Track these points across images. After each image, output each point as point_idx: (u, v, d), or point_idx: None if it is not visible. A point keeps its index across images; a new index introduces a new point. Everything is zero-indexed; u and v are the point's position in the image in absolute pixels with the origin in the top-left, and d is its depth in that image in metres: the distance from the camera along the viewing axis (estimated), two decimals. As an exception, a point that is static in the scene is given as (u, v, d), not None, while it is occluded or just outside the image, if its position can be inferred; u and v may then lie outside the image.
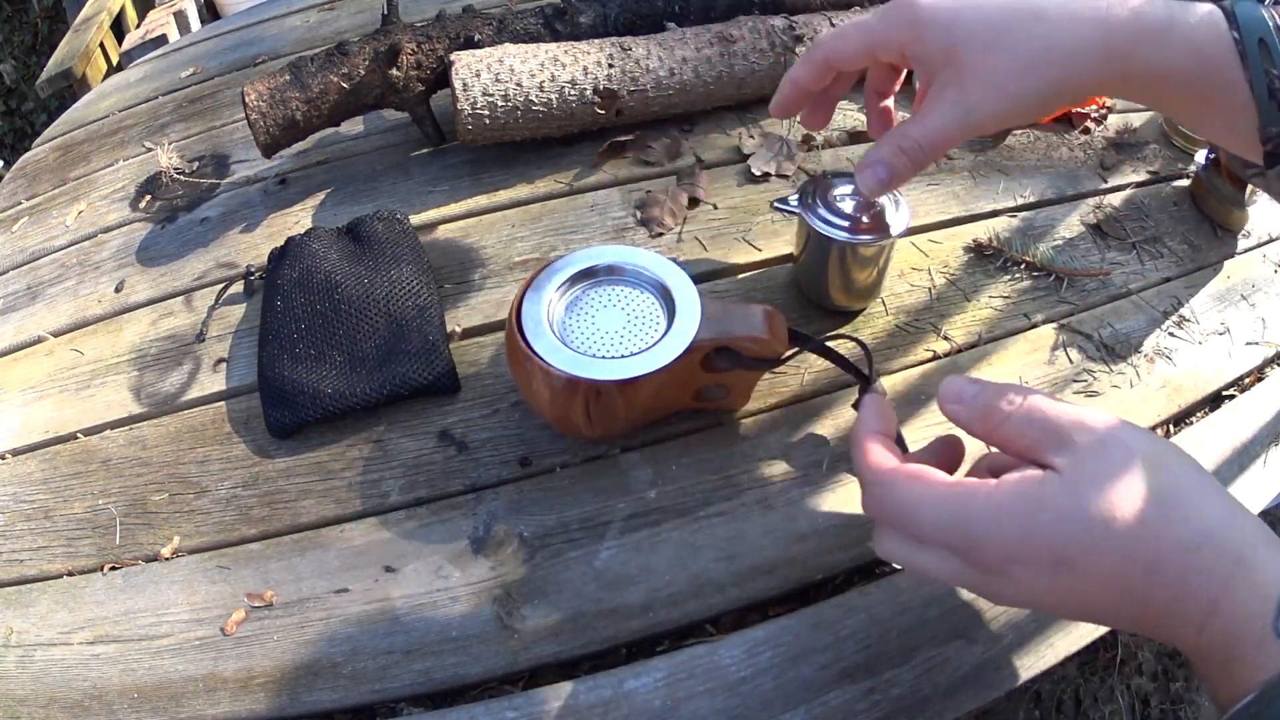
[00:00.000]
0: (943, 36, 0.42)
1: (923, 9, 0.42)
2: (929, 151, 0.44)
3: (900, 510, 0.37)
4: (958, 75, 0.42)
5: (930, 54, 0.43)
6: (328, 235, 0.66)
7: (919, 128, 0.44)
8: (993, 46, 0.41)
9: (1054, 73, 0.41)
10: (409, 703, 0.46)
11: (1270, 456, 0.58)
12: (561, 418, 0.51)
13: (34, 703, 0.47)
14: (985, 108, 0.42)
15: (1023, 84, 0.41)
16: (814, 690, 0.45)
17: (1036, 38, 0.40)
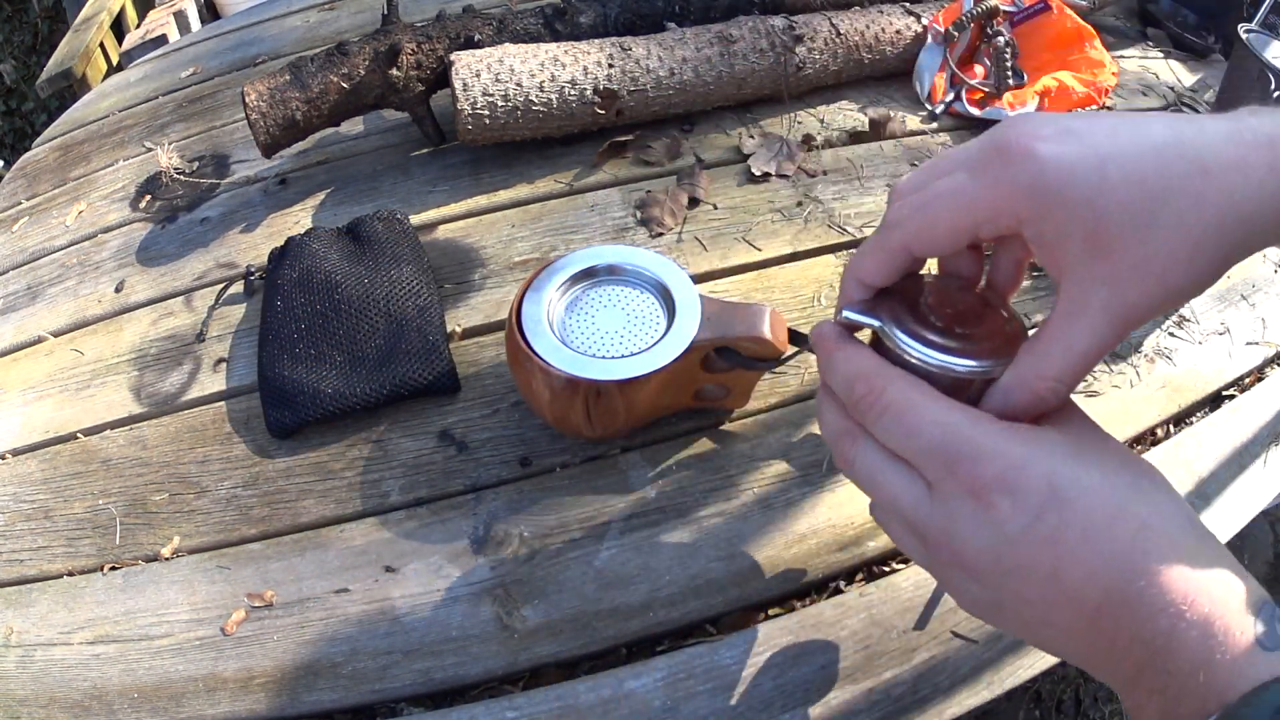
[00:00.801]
0: (1084, 212, 0.29)
1: (1049, 167, 0.30)
2: (1075, 383, 0.33)
3: (898, 403, 0.32)
4: (1108, 268, 0.30)
5: (1064, 237, 0.30)
6: (328, 235, 0.66)
7: (1061, 355, 0.31)
8: (1155, 222, 0.29)
9: (1226, 245, 0.30)
10: (409, 703, 0.46)
11: (1270, 456, 0.58)
12: (561, 418, 0.51)
13: (34, 703, 0.47)
14: (1148, 306, 0.31)
15: (1191, 269, 0.30)
16: (814, 690, 0.45)
17: (1207, 204, 0.29)
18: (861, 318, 0.36)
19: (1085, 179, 0.29)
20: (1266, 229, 0.30)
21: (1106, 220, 0.29)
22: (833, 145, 0.77)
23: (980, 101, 0.79)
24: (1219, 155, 0.30)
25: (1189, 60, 0.91)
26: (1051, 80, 0.78)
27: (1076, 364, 0.31)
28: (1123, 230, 0.29)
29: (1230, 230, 0.30)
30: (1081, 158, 0.30)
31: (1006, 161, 0.30)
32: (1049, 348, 0.32)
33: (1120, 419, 0.57)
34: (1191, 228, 0.30)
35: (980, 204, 0.31)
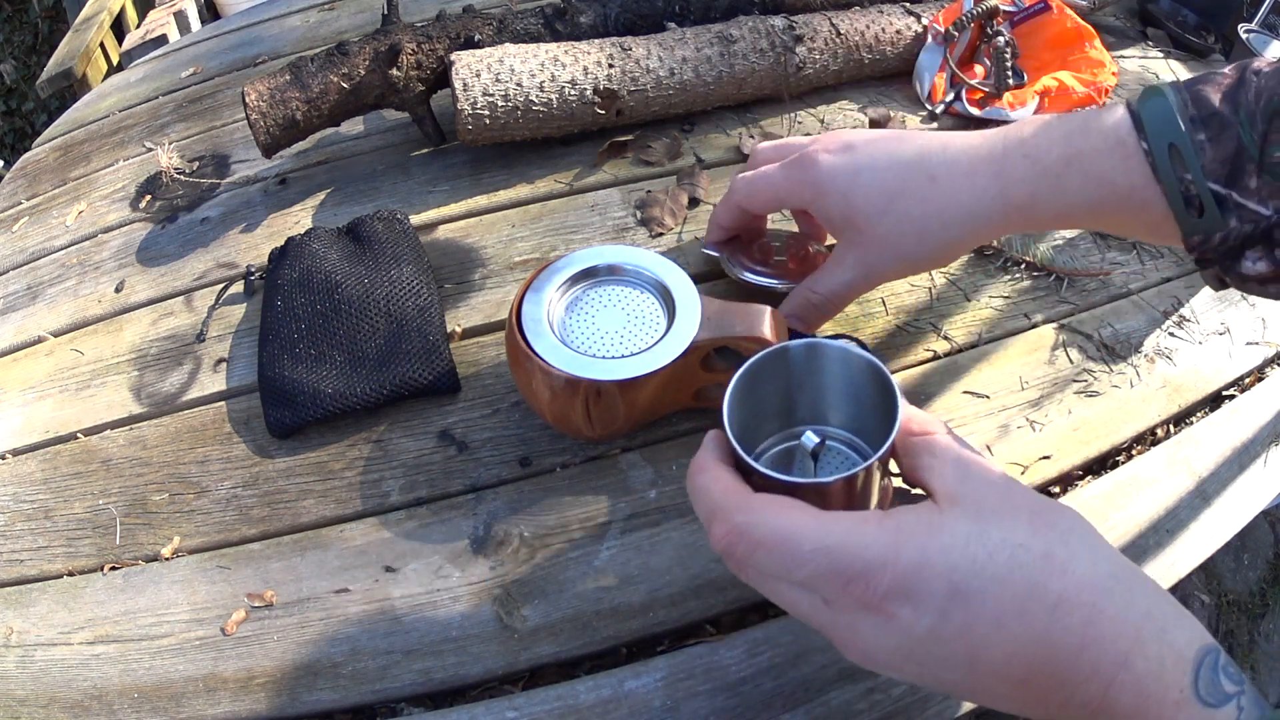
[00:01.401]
0: (840, 203, 0.45)
1: (822, 171, 0.45)
2: (833, 306, 0.50)
3: (769, 539, 0.31)
4: (857, 239, 0.45)
5: (831, 216, 0.46)
6: (328, 235, 0.66)
7: (824, 284, 0.49)
8: (887, 213, 0.43)
9: (950, 233, 0.42)
10: (409, 703, 0.46)
11: (1270, 456, 0.58)
12: (561, 418, 0.51)
13: (34, 703, 0.47)
14: (883, 269, 0.47)
15: (919, 247, 0.44)
16: (814, 690, 0.45)
17: (930, 201, 0.42)
18: (712, 251, 0.59)
19: (843, 179, 0.45)
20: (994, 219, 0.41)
21: (854, 208, 0.45)
22: (833, 145, 0.77)
23: (980, 101, 0.79)
24: (950, 168, 0.42)
25: (1189, 60, 0.91)
26: (1051, 80, 0.78)
27: (835, 290, 0.49)
28: (865, 216, 0.44)
29: (952, 223, 0.42)
30: (845, 165, 0.45)
31: (801, 165, 0.47)
32: (818, 277, 0.49)
33: (1120, 419, 0.57)
34: (916, 218, 0.43)
35: (783, 188, 0.49)
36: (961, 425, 0.56)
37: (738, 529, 0.32)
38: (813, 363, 0.40)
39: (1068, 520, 0.31)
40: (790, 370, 0.40)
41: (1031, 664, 0.29)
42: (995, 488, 0.32)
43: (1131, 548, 0.52)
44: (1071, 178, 0.39)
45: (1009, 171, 0.40)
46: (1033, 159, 0.40)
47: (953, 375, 0.59)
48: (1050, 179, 0.40)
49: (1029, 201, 0.40)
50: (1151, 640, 0.28)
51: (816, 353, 0.40)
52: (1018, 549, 0.29)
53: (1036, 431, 0.56)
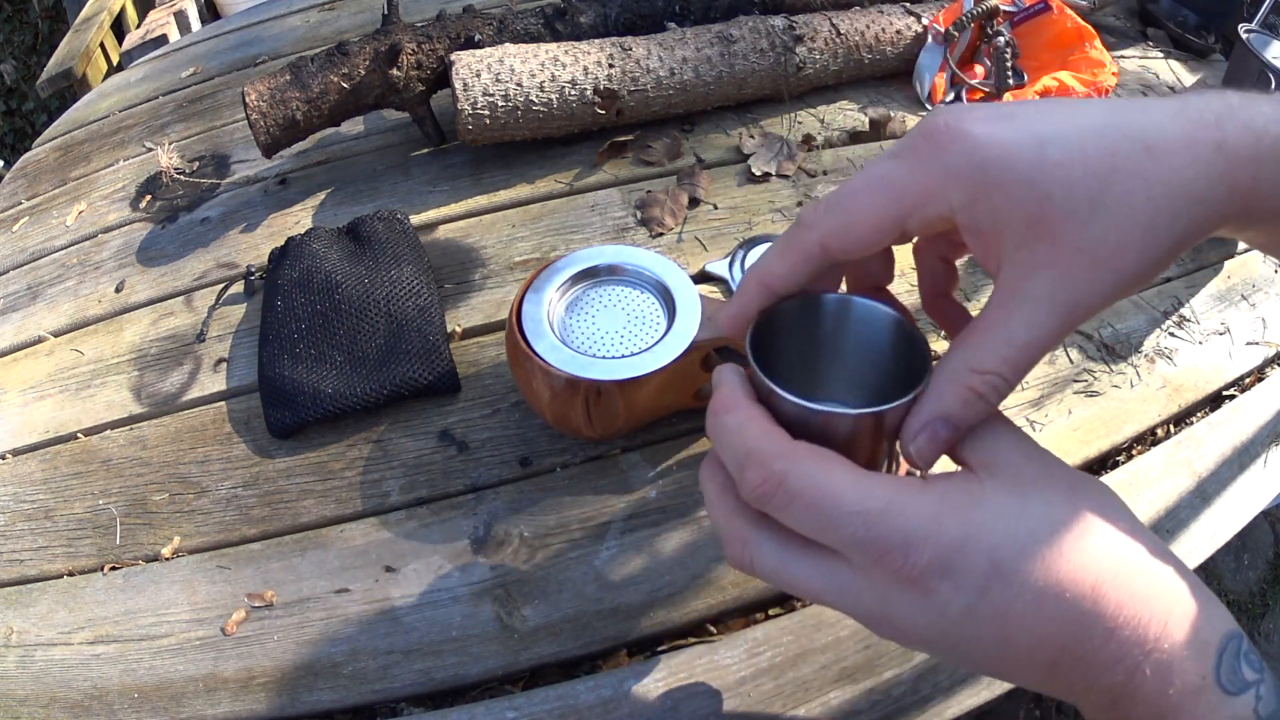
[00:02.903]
0: (1024, 192, 0.27)
1: (984, 146, 0.27)
2: (1014, 384, 0.29)
3: (808, 493, 0.28)
4: (1050, 253, 0.27)
5: (1004, 218, 0.27)
6: (328, 235, 0.66)
7: (998, 349, 0.28)
8: (1102, 203, 0.27)
9: (1179, 226, 0.27)
10: (409, 702, 0.46)
11: (1270, 456, 0.58)
12: (562, 418, 0.51)
13: (34, 703, 0.47)
14: (1097, 294, 0.28)
15: (1143, 254, 0.27)
16: (814, 690, 0.45)
17: (1155, 182, 0.27)
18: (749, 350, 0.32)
19: (1024, 158, 0.27)
20: (1217, 210, 0.28)
21: (1049, 201, 0.27)
22: (833, 145, 0.77)
23: (980, 102, 0.79)
24: (1164, 133, 0.27)
25: (1189, 60, 0.91)
26: (1051, 80, 0.78)
27: (1017, 357, 0.28)
28: (1067, 212, 0.27)
29: (1182, 210, 0.27)
30: (1018, 138, 0.27)
31: (936, 145, 0.28)
32: (986, 338, 0.28)
33: (1120, 419, 0.57)
34: (1141, 208, 0.27)
35: (909, 191, 0.28)
36: (961, 425, 0.56)
37: (776, 477, 0.28)
38: (842, 322, 0.35)
39: (1103, 495, 0.30)
40: (817, 329, 0.35)
41: (1064, 646, 0.27)
42: (1033, 459, 0.29)
43: (1131, 548, 0.52)
44: None
45: (1231, 143, 0.27)
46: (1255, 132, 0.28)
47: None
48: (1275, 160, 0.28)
49: (1252, 186, 0.28)
50: (1179, 625, 0.27)
51: (847, 311, 0.34)
52: (1059, 525, 0.27)
53: (1036, 431, 0.56)
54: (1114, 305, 0.64)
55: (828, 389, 0.36)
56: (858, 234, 0.29)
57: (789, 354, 0.35)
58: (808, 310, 0.34)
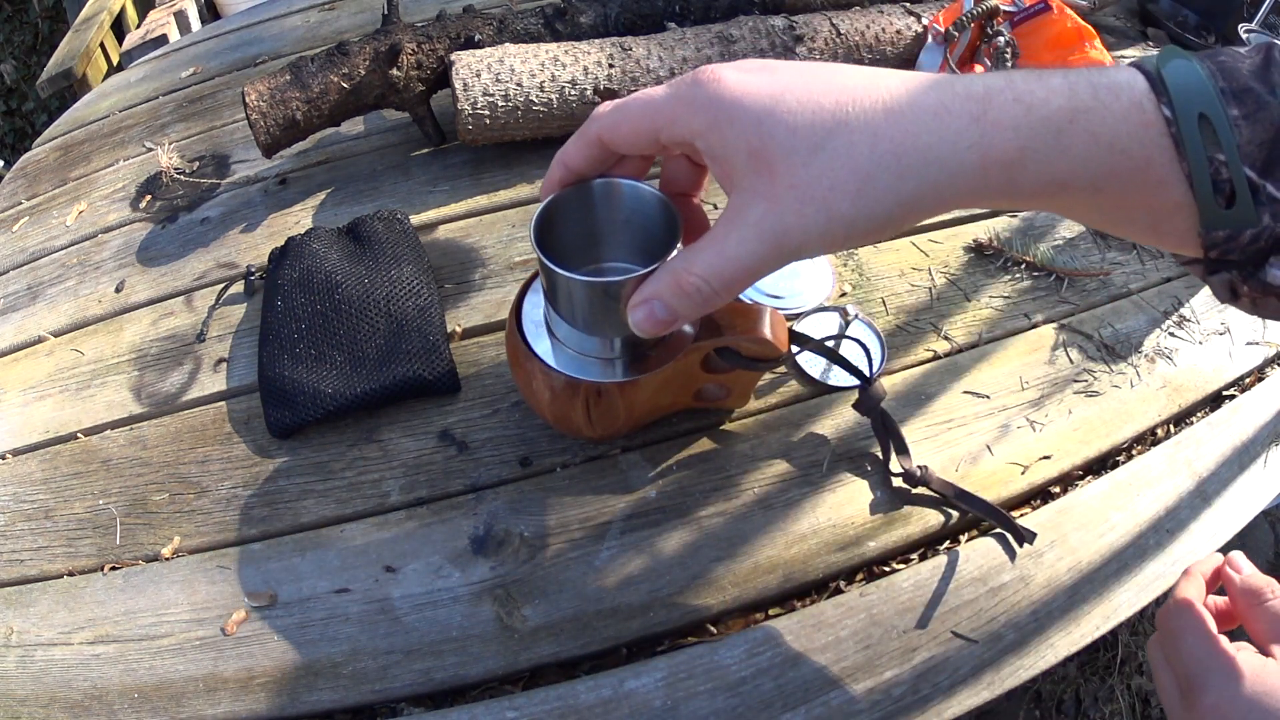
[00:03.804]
0: (751, 130, 0.30)
1: (727, 88, 0.31)
2: (721, 292, 0.33)
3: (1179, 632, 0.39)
4: (767, 186, 0.30)
5: (730, 151, 0.31)
6: (328, 235, 0.66)
7: (710, 258, 0.32)
8: (821, 149, 0.29)
9: (906, 186, 0.29)
10: (409, 703, 0.46)
11: (1270, 456, 0.58)
12: (562, 418, 0.51)
13: (34, 703, 0.47)
14: (807, 231, 0.30)
15: (859, 202, 0.30)
16: (814, 690, 0.45)
17: (883, 139, 0.29)
18: None
19: (758, 101, 0.30)
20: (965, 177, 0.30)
21: (771, 140, 0.30)
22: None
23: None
24: (913, 101, 0.29)
25: (1189, 60, 0.91)
26: (1052, 80, 0.78)
27: (725, 270, 0.32)
28: (786, 151, 0.30)
29: (910, 172, 0.29)
30: (762, 85, 0.31)
31: (695, 83, 0.32)
32: (706, 247, 0.33)
33: (1120, 419, 0.57)
34: (862, 160, 0.29)
35: (663, 112, 0.33)
36: (961, 425, 0.56)
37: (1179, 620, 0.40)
38: (610, 200, 0.43)
39: None
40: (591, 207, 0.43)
41: None
42: None
43: (1132, 547, 0.52)
44: (1075, 135, 0.29)
45: (993, 115, 0.29)
46: (1026, 105, 0.29)
47: (953, 375, 0.59)
48: (1048, 132, 0.29)
49: (1017, 158, 0.29)
50: None
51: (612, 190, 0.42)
52: None
53: (1037, 431, 0.56)
54: (1114, 305, 0.64)
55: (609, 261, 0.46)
56: (623, 134, 0.35)
57: (572, 234, 0.44)
58: (583, 194, 0.42)
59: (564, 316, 0.46)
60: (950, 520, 0.52)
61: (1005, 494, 0.53)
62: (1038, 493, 0.54)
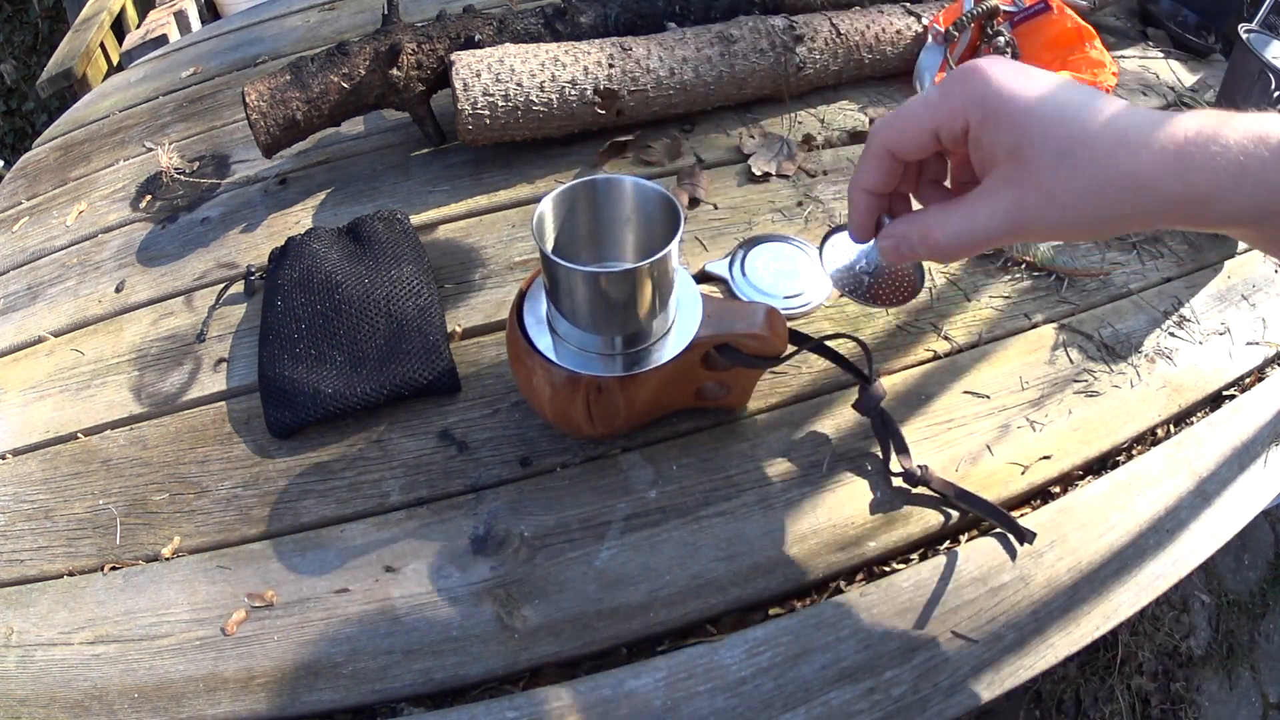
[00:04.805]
0: (1015, 127, 0.36)
1: (996, 86, 0.37)
2: (958, 252, 0.39)
3: None
4: (1020, 176, 0.37)
5: (996, 142, 0.37)
6: (328, 235, 0.66)
7: (958, 223, 0.39)
8: (1065, 159, 0.36)
9: (1125, 206, 0.36)
10: (409, 702, 0.46)
11: (1270, 456, 0.58)
12: (562, 415, 0.51)
13: (35, 703, 0.47)
14: (1042, 221, 0.37)
15: (1088, 208, 0.36)
16: (814, 690, 0.45)
17: (1116, 161, 0.35)
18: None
19: (1020, 103, 0.36)
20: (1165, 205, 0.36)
21: (1028, 141, 0.36)
22: (833, 145, 0.77)
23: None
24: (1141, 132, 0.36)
25: (1189, 60, 0.91)
26: (1052, 80, 0.78)
27: (968, 235, 0.38)
28: (1039, 153, 0.36)
29: (1129, 195, 0.36)
30: (1023, 89, 0.37)
31: (964, 79, 0.37)
32: (954, 211, 0.39)
33: (1120, 419, 0.57)
34: (1094, 175, 0.36)
35: (941, 110, 0.38)
36: (961, 425, 0.56)
37: None
38: (614, 196, 0.47)
39: None
40: (595, 203, 0.47)
41: None
42: None
43: (1132, 547, 0.52)
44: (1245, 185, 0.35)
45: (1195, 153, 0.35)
46: (1211, 153, 0.35)
47: (953, 375, 0.59)
48: (1229, 180, 0.35)
49: (1206, 195, 0.35)
50: None
51: (616, 186, 0.47)
52: None
53: (1037, 431, 0.56)
54: (1114, 305, 0.64)
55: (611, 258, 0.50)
56: (909, 139, 0.39)
57: (575, 231, 0.48)
58: (587, 190, 0.46)
59: (565, 311, 0.46)
60: (950, 520, 0.52)
61: (1005, 494, 0.53)
62: (1038, 493, 0.54)
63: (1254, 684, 1.22)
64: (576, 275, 0.43)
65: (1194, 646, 1.23)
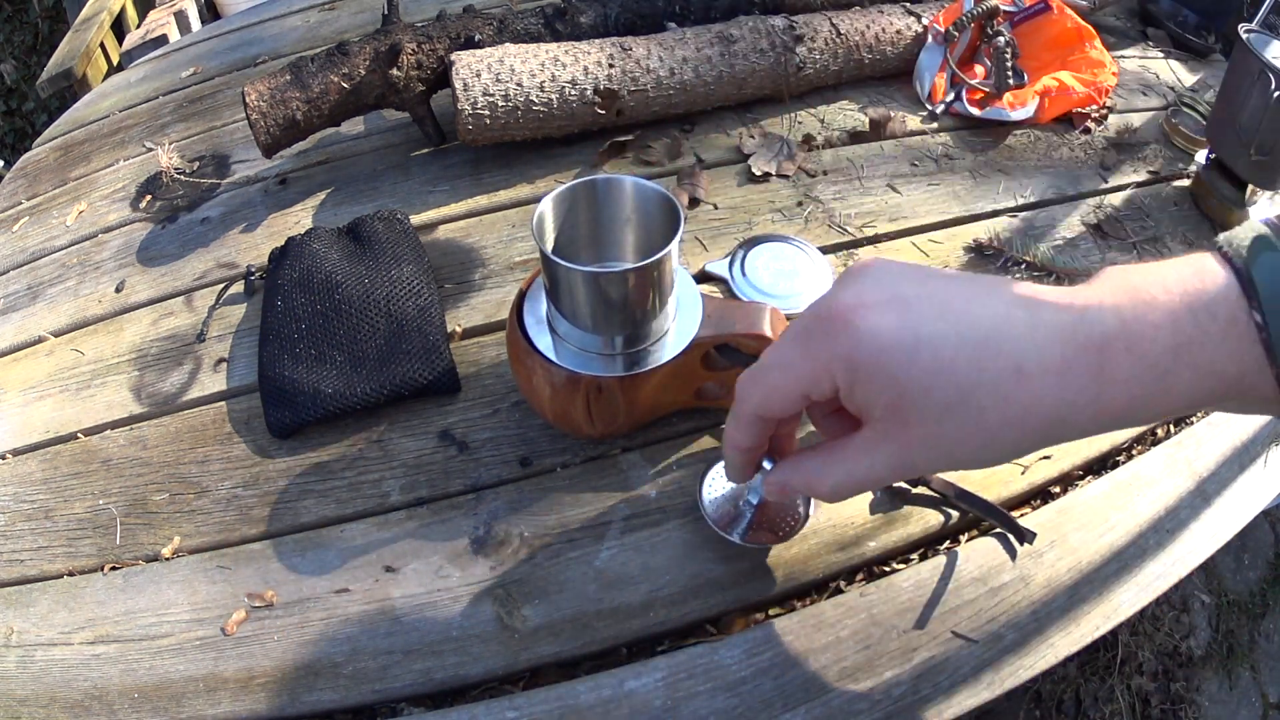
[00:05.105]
0: (887, 388, 0.33)
1: (863, 346, 0.32)
2: (849, 495, 0.38)
3: None
4: (899, 433, 0.34)
5: (870, 403, 0.34)
6: (328, 235, 0.66)
7: (841, 475, 0.36)
8: (952, 411, 0.32)
9: (1025, 442, 0.33)
10: (409, 702, 0.46)
11: (1270, 456, 0.58)
12: (562, 415, 0.51)
13: (35, 703, 0.47)
14: (926, 467, 0.35)
15: (981, 453, 0.33)
16: (814, 690, 0.45)
17: (1013, 402, 0.31)
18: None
19: (895, 358, 0.32)
20: (1079, 425, 0.32)
21: (907, 399, 0.32)
22: (833, 145, 0.77)
23: (981, 101, 0.79)
24: (1041, 357, 0.31)
25: (1189, 60, 0.91)
26: (1051, 80, 0.78)
27: (852, 484, 0.36)
28: (919, 410, 0.32)
29: (1033, 427, 0.32)
30: (897, 336, 0.32)
31: (827, 332, 0.33)
32: (836, 461, 0.37)
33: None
34: (990, 422, 0.32)
35: (804, 374, 0.35)
36: (962, 425, 0.56)
37: None
38: (613, 197, 0.48)
39: None
40: (595, 204, 0.48)
41: None
42: None
43: (1132, 547, 0.52)
44: (1179, 374, 0.31)
45: (1110, 370, 0.31)
46: (1137, 354, 0.31)
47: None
48: (1155, 378, 0.31)
49: (1126, 408, 0.31)
50: None
51: (616, 187, 0.47)
52: None
53: (1037, 431, 0.56)
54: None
55: (610, 258, 0.51)
56: (776, 406, 0.37)
57: (575, 231, 0.48)
58: (588, 191, 0.47)
59: (565, 312, 0.46)
60: (950, 520, 0.52)
61: (1005, 494, 0.53)
62: (1038, 493, 0.54)
63: (1254, 684, 1.22)
64: (576, 275, 0.43)
65: (1194, 646, 1.23)
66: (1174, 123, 0.79)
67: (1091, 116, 0.80)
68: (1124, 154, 0.77)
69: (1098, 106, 0.80)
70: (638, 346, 0.48)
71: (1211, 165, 0.71)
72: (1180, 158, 0.77)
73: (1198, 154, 0.76)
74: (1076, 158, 0.77)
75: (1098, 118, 0.80)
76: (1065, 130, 0.79)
